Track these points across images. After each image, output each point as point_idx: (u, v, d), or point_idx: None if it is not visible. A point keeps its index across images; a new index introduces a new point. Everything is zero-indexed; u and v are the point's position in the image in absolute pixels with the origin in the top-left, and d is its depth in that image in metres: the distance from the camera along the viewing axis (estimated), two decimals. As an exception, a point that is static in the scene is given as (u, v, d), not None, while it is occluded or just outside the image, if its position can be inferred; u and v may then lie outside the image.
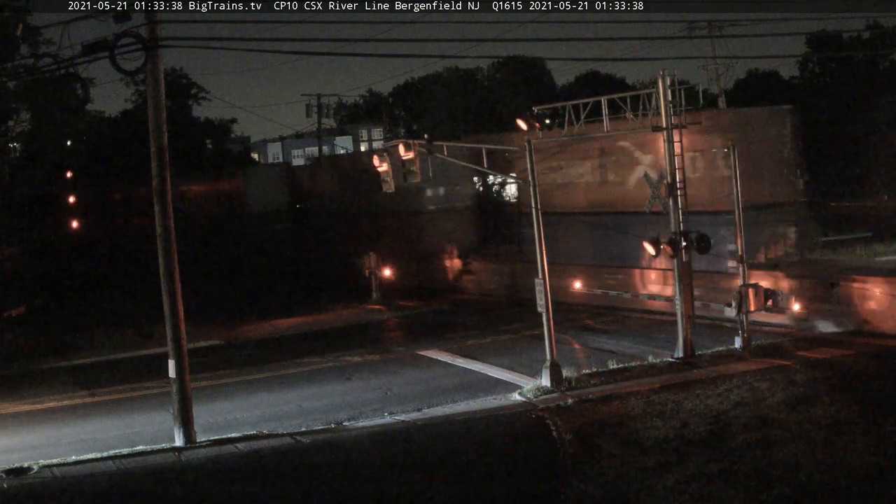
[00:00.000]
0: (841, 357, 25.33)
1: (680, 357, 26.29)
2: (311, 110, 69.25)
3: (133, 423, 23.81)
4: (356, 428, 22.24)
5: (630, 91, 31.45)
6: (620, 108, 27.81)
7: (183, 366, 21.40)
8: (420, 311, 40.03)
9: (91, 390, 28.26)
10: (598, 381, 24.59)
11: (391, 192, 27.52)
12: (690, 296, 26.92)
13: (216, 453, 20.55)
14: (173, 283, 21.46)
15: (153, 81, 21.24)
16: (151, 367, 28.70)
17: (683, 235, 26.21)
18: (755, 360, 25.67)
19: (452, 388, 25.49)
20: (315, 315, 39.88)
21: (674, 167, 26.47)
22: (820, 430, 19.22)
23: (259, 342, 35.09)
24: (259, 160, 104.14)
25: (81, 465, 19.97)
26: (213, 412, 24.07)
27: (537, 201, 25.19)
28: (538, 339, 26.50)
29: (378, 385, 26.65)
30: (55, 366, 32.25)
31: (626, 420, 21.13)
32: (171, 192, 21.53)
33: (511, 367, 27.33)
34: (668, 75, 26.41)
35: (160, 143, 21.36)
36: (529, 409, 22.87)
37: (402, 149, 26.47)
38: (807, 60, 73.73)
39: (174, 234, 21.55)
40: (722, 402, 21.79)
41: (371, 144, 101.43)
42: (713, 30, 49.53)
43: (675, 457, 18.42)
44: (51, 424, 24.40)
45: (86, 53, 19.94)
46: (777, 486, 16.55)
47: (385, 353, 31.33)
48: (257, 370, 29.60)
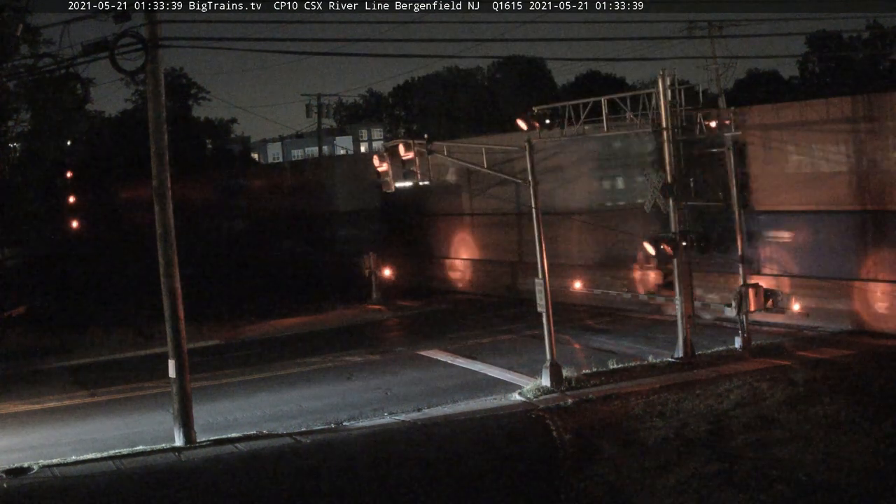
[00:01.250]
0: (841, 357, 25.33)
1: (680, 357, 26.29)
2: (311, 110, 69.29)
3: (133, 423, 23.80)
4: (356, 428, 22.24)
5: (630, 91, 31.44)
6: (620, 108, 27.81)
7: (183, 366, 21.40)
8: (420, 311, 40.05)
9: (91, 390, 28.26)
10: (598, 381, 24.59)
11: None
12: (690, 296, 26.92)
13: (216, 453, 20.55)
14: (173, 283, 21.46)
15: (153, 81, 21.23)
16: (151, 367, 28.69)
17: (683, 235, 26.20)
18: (755, 360, 25.67)
19: (452, 388, 25.49)
20: (315, 315, 39.87)
21: (674, 167, 26.47)
22: (820, 430, 19.21)
23: (259, 342, 35.08)
24: (259, 160, 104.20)
25: (81, 465, 19.96)
26: (213, 412, 24.07)
27: (537, 201, 25.20)
28: (538, 338, 26.51)
29: (378, 385, 26.65)
30: (55, 366, 32.24)
31: (626, 420, 21.13)
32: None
33: (511, 367, 27.34)
34: (668, 75, 26.42)
35: (160, 143, 21.36)
36: (529, 409, 22.87)
37: (402, 149, 26.46)
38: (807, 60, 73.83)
39: (174, 233, 21.56)
40: (722, 401, 21.80)
41: (371, 144, 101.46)
42: (713, 30, 49.45)
43: (675, 457, 18.42)
44: (51, 424, 24.40)
45: (86, 53, 19.96)
46: (777, 486, 16.56)
47: (385, 353, 31.33)
48: (257, 370, 29.60)
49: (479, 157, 28.45)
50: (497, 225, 42.11)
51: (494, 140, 32.67)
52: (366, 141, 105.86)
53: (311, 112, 69.37)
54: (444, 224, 45.64)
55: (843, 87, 61.50)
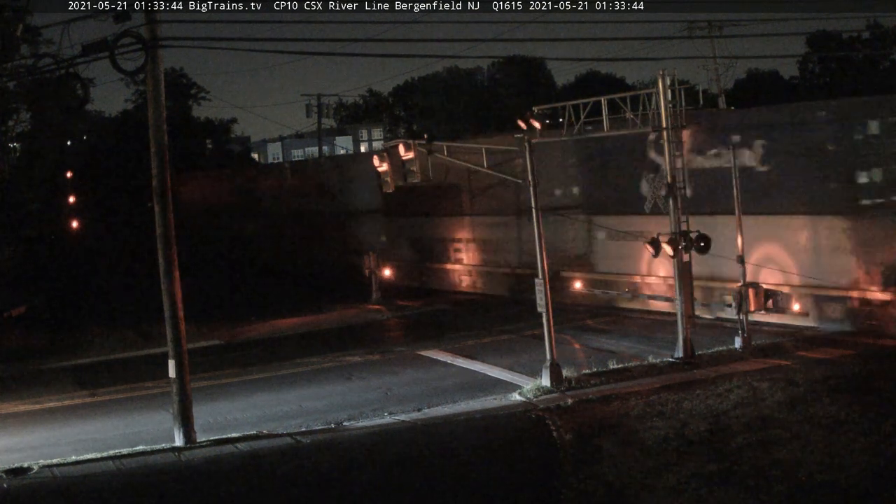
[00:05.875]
0: (841, 357, 25.33)
1: (680, 357, 26.27)
2: (311, 110, 69.40)
3: (133, 423, 23.80)
4: (356, 428, 22.24)
5: (630, 91, 31.45)
6: (620, 108, 27.81)
7: (183, 366, 21.39)
8: (420, 311, 40.04)
9: (91, 390, 28.26)
10: (598, 381, 24.58)
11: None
12: (690, 296, 26.91)
13: (216, 453, 20.55)
14: (173, 283, 21.46)
15: (153, 81, 21.22)
16: (151, 367, 28.67)
17: (683, 235, 26.20)
18: (755, 360, 25.67)
19: (452, 388, 25.48)
20: (315, 315, 39.87)
21: (674, 167, 26.47)
22: (820, 430, 19.22)
23: (259, 342, 35.08)
24: (259, 160, 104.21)
25: (81, 465, 19.96)
26: (213, 412, 24.06)
27: (537, 201, 25.20)
28: (538, 338, 26.51)
29: (378, 385, 26.65)
30: (55, 366, 32.23)
31: (626, 420, 21.13)
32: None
33: (511, 367, 27.33)
34: (667, 75, 26.42)
35: (160, 142, 21.36)
36: (529, 409, 22.87)
37: (402, 149, 26.47)
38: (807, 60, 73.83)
39: (174, 233, 21.56)
40: (722, 402, 21.80)
41: (371, 144, 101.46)
42: (713, 30, 49.59)
43: (675, 457, 18.43)
44: (51, 424, 24.40)
45: (86, 53, 19.95)
46: (777, 486, 16.57)
47: (385, 353, 31.32)
48: (257, 370, 29.60)
49: (479, 157, 28.45)
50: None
51: (494, 140, 32.64)
52: (366, 141, 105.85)
53: (311, 112, 69.48)
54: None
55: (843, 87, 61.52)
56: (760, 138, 30.58)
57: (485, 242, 43.32)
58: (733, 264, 27.42)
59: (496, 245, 42.45)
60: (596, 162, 36.81)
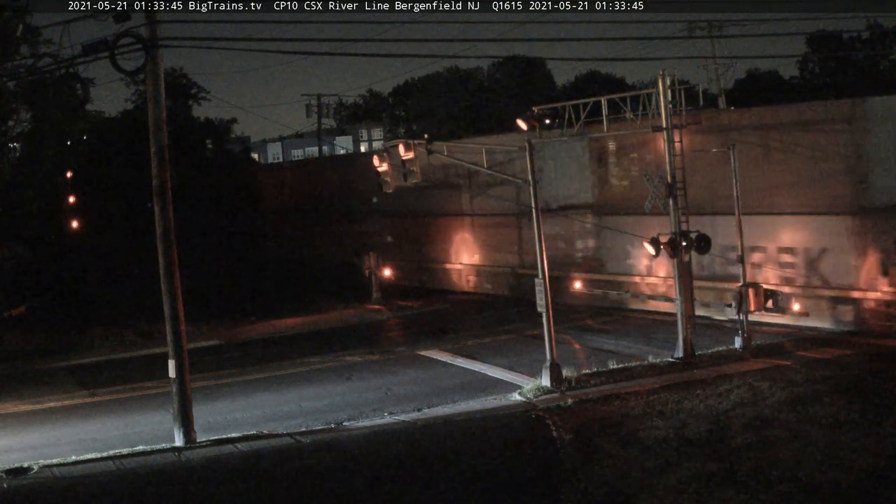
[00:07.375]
0: (841, 357, 25.33)
1: (680, 357, 26.28)
2: (311, 110, 69.40)
3: (133, 423, 23.81)
4: (356, 428, 22.24)
5: (630, 91, 31.45)
6: (620, 108, 27.81)
7: (183, 366, 21.40)
8: (420, 311, 40.04)
9: (91, 390, 28.27)
10: (598, 381, 24.59)
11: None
12: (690, 296, 26.90)
13: (216, 453, 20.55)
14: (173, 283, 21.46)
15: (153, 81, 21.23)
16: (151, 367, 28.69)
17: (683, 235, 26.19)
18: (755, 360, 25.67)
19: (452, 388, 25.49)
20: (315, 315, 39.87)
21: (673, 167, 26.46)
22: (820, 430, 19.21)
23: (259, 342, 35.08)
24: (259, 160, 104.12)
25: (81, 465, 19.97)
26: (213, 412, 24.07)
27: (537, 201, 25.20)
28: (538, 338, 26.51)
29: (378, 385, 26.65)
30: (55, 366, 32.25)
31: (626, 420, 21.12)
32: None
33: (511, 367, 27.34)
34: (668, 75, 26.40)
35: (160, 143, 21.36)
36: (529, 408, 22.87)
37: (402, 149, 26.48)
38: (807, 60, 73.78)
39: (174, 233, 21.55)
40: (722, 402, 21.79)
41: (371, 144, 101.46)
42: (713, 30, 49.58)
43: (675, 457, 18.41)
44: (51, 424, 24.41)
45: (86, 53, 19.96)
46: (777, 486, 16.55)
47: (385, 353, 31.32)
48: (257, 370, 29.61)
49: (479, 157, 28.46)
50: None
51: (494, 140, 32.67)
52: (366, 141, 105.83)
53: (311, 112, 69.48)
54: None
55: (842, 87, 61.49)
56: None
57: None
58: (733, 264, 27.43)
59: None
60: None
